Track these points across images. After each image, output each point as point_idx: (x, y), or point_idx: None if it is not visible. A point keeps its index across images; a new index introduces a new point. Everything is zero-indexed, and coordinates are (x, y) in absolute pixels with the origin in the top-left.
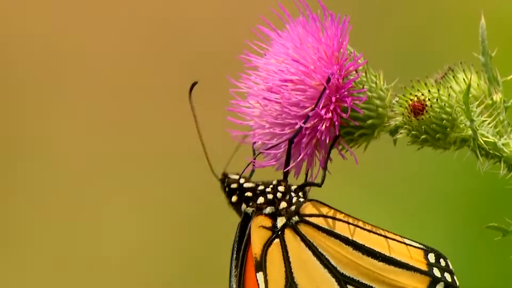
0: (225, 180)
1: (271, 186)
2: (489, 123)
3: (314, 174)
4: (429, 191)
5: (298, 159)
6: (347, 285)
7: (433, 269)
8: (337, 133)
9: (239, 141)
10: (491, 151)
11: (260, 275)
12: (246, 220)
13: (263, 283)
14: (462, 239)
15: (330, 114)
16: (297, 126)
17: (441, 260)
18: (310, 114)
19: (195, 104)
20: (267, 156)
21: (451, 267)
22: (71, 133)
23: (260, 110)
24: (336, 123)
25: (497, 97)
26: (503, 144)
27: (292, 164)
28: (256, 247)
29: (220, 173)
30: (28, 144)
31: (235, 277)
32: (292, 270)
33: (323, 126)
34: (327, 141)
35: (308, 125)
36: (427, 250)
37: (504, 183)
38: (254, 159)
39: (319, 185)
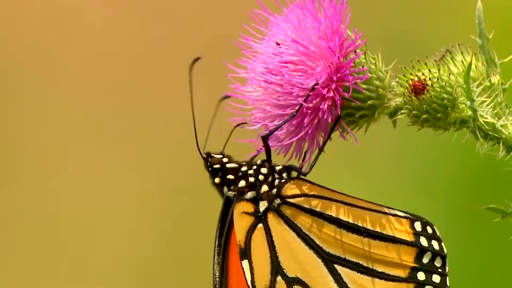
0: (208, 159)
1: (254, 167)
2: (487, 105)
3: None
4: (426, 173)
5: (298, 137)
6: (334, 264)
7: (420, 238)
8: (339, 113)
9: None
10: (490, 132)
11: (245, 263)
12: (228, 204)
13: (249, 271)
14: (459, 220)
15: (332, 93)
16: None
17: (428, 228)
18: (306, 102)
19: (193, 78)
20: (269, 139)
21: (438, 234)
22: (63, 118)
23: (260, 94)
24: (338, 102)
25: (495, 79)
26: (501, 126)
27: (290, 141)
28: (239, 235)
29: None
30: (22, 134)
31: (217, 264)
32: (277, 254)
33: (325, 105)
34: (329, 120)
35: (310, 104)
36: (413, 219)
37: (503, 164)
38: (265, 142)
39: (304, 174)
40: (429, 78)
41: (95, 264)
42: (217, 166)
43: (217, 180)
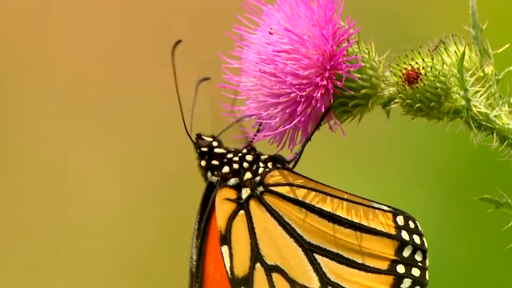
0: (198, 140)
1: (239, 155)
2: (481, 95)
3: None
4: (419, 164)
5: (291, 125)
6: (313, 254)
7: (401, 232)
8: (332, 101)
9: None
10: (483, 123)
11: (225, 249)
12: (210, 189)
13: (228, 257)
14: (453, 211)
15: (325, 82)
16: (293, 95)
17: (410, 222)
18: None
19: (177, 64)
20: (263, 128)
21: (420, 228)
22: (50, 109)
23: (253, 84)
24: (331, 90)
25: (489, 69)
26: (495, 116)
27: (284, 128)
28: (220, 220)
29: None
30: (9, 127)
31: (195, 248)
32: (257, 242)
33: (318, 94)
34: (322, 109)
35: (303, 93)
36: (395, 213)
37: (496, 155)
38: (258, 131)
39: (288, 162)
40: (423, 67)
41: (83, 252)
42: (205, 149)
43: (203, 162)
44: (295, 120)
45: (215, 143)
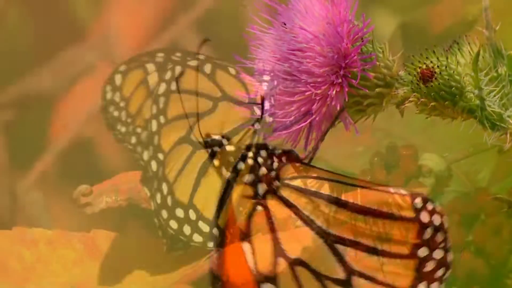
0: (207, 142)
1: (253, 150)
2: (495, 95)
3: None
4: None
5: (306, 123)
6: (335, 244)
7: (420, 214)
8: (346, 99)
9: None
10: (497, 123)
11: (246, 246)
12: (226, 185)
13: (250, 254)
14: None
15: (340, 80)
16: (308, 93)
17: (428, 204)
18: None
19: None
20: (276, 127)
21: (438, 209)
22: None
23: (269, 82)
24: (346, 89)
25: (502, 69)
26: (508, 116)
27: (299, 126)
28: (240, 218)
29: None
30: None
31: (215, 246)
32: (278, 236)
33: (333, 92)
34: (337, 107)
35: (318, 91)
36: (413, 195)
37: (509, 156)
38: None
39: (301, 160)
40: (438, 66)
41: None
42: (217, 148)
43: (216, 163)
44: (310, 118)
45: (225, 141)
